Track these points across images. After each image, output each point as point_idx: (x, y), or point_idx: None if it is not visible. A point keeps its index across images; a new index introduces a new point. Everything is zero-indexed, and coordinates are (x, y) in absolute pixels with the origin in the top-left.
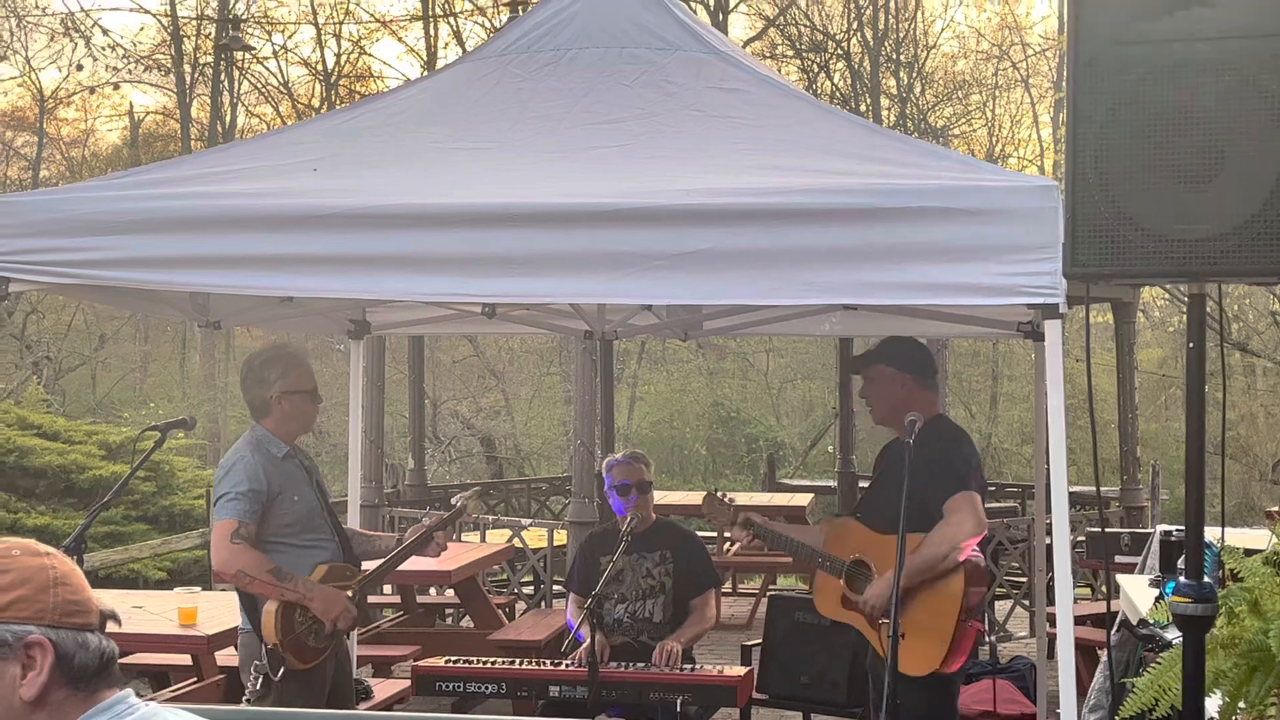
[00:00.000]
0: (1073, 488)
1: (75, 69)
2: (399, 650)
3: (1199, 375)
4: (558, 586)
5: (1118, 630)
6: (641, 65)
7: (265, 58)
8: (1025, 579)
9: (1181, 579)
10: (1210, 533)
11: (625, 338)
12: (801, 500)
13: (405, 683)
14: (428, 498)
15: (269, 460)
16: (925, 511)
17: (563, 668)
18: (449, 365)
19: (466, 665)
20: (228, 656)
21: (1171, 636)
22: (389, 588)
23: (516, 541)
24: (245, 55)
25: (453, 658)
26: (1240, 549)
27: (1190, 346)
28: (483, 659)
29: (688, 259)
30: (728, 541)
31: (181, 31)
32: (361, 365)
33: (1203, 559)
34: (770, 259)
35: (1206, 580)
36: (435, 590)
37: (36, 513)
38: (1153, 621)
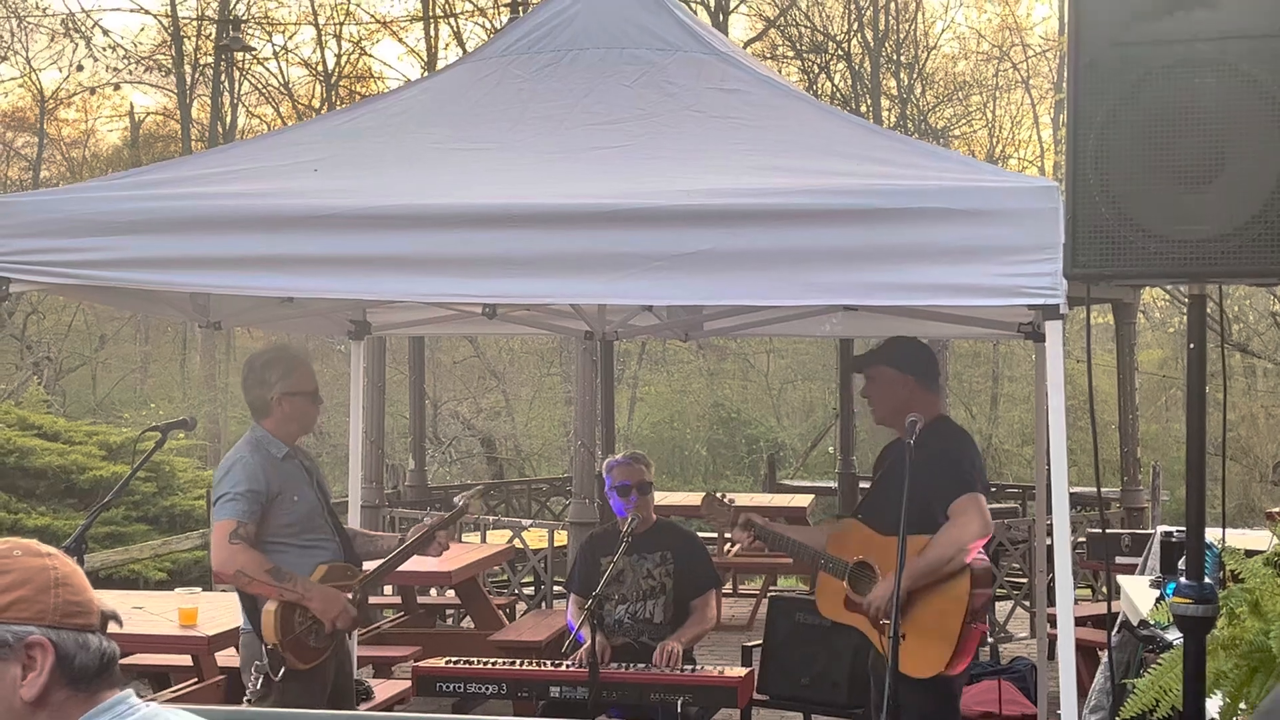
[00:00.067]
0: (1073, 488)
1: (76, 69)
2: (399, 651)
3: (1199, 376)
4: (558, 587)
5: (1118, 631)
6: (642, 66)
7: (266, 58)
8: (1026, 580)
9: (1182, 580)
10: (1211, 534)
11: (626, 338)
12: (802, 501)
13: (406, 683)
14: (428, 498)
15: (268, 461)
16: (929, 513)
17: (563, 668)
18: (449, 366)
19: (467, 666)
20: (228, 657)
21: (1172, 637)
22: (389, 588)
23: (517, 542)
24: (246, 56)
25: (453, 658)
26: (1241, 550)
27: (1191, 347)
28: (483, 660)
29: (688, 259)
30: (728, 542)
31: (182, 32)
32: (362, 366)
33: (1203, 560)
34: (771, 260)
35: (1207, 581)
36: (436, 591)
37: (37, 513)
38: (1153, 622)
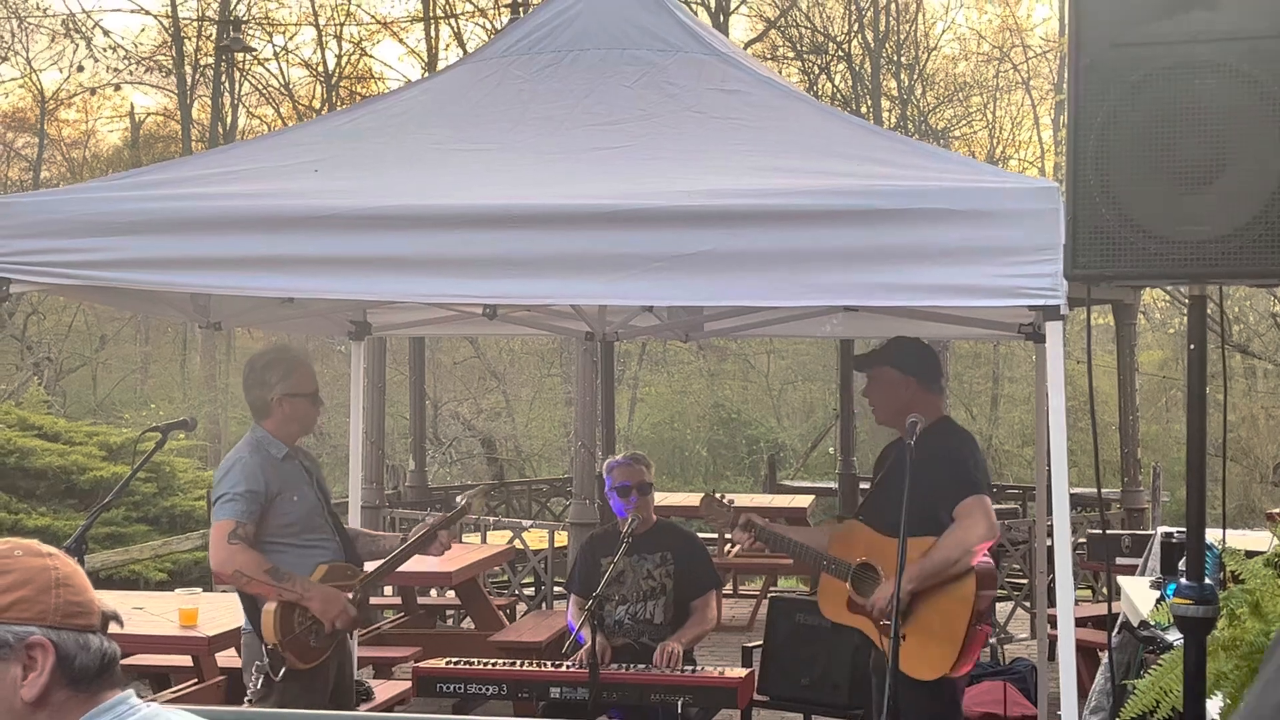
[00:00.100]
0: (1073, 489)
1: (76, 70)
2: (400, 651)
3: (1200, 377)
4: (558, 588)
5: (1119, 632)
6: (642, 67)
7: (266, 59)
8: (1026, 580)
9: (1183, 581)
10: (1211, 535)
11: (626, 339)
12: (802, 502)
13: (406, 684)
14: (428, 499)
15: (268, 461)
16: (933, 515)
17: (564, 669)
18: (450, 366)
19: (467, 666)
20: (228, 658)
21: (1173, 638)
22: (390, 589)
23: (517, 543)
24: (246, 57)
25: (453, 659)
26: (1241, 551)
27: (1191, 348)
28: (483, 660)
29: (689, 260)
30: (728, 543)
31: (182, 33)
32: (362, 366)
33: (1204, 561)
34: (771, 260)
35: (1208, 582)
36: (436, 591)
37: (37, 514)
38: (1154, 623)
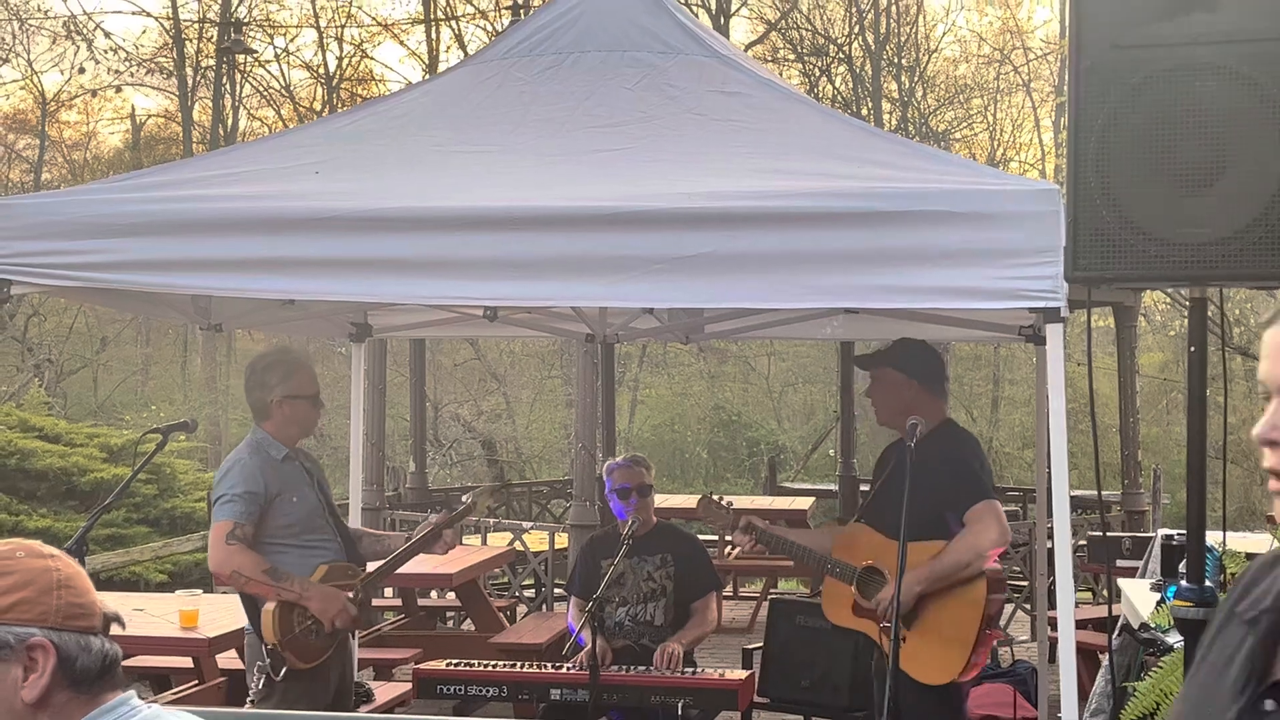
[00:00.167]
0: (1074, 492)
1: (77, 72)
2: (400, 653)
3: (1200, 379)
4: (559, 590)
5: (1119, 634)
6: (643, 69)
7: (267, 61)
8: (1026, 583)
9: (1183, 583)
10: (1212, 537)
11: (626, 341)
12: (803, 504)
13: (406, 686)
14: (429, 501)
15: (267, 462)
16: (940, 519)
17: (564, 671)
18: (450, 368)
19: (467, 668)
20: (229, 659)
21: (1173, 641)
22: (390, 591)
23: (517, 545)
24: (247, 58)
25: (454, 661)
26: (1242, 553)
27: (1192, 350)
28: (484, 662)
29: (689, 262)
30: (728, 545)
31: (183, 34)
32: (363, 368)
33: (1204, 563)
34: (771, 262)
35: (1208, 584)
36: (436, 593)
37: (38, 515)
38: (1154, 626)
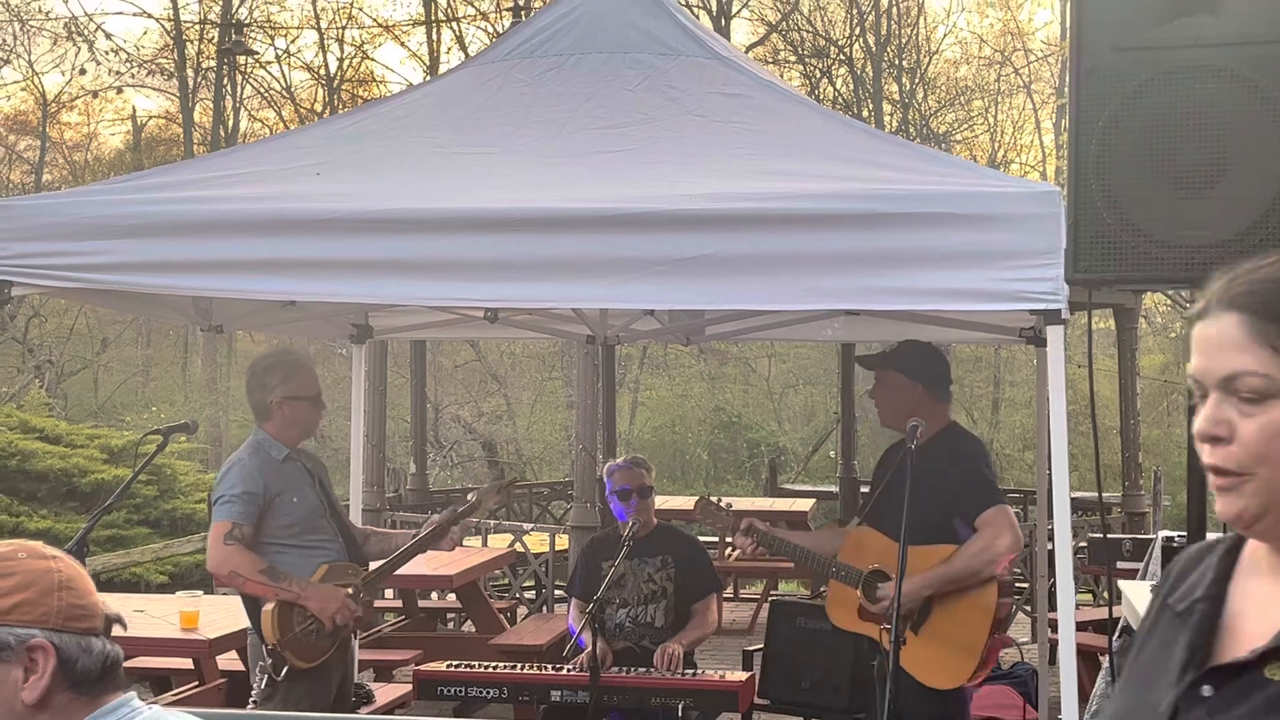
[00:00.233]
0: (1074, 493)
1: (78, 73)
2: (400, 655)
3: None
4: (559, 591)
5: (1120, 636)
6: (644, 70)
7: (268, 62)
8: (1027, 585)
9: None
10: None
11: (627, 342)
12: (803, 505)
13: (407, 687)
14: (429, 502)
15: (267, 463)
16: (948, 524)
17: (564, 672)
18: (451, 370)
19: (468, 670)
20: (229, 660)
21: None
22: (390, 592)
23: (518, 546)
24: (248, 60)
25: (454, 662)
26: None
27: None
28: (484, 664)
29: (690, 264)
30: (729, 546)
31: (184, 36)
32: (364, 369)
33: None
34: (772, 264)
35: None
36: (437, 595)
37: (39, 516)
38: None
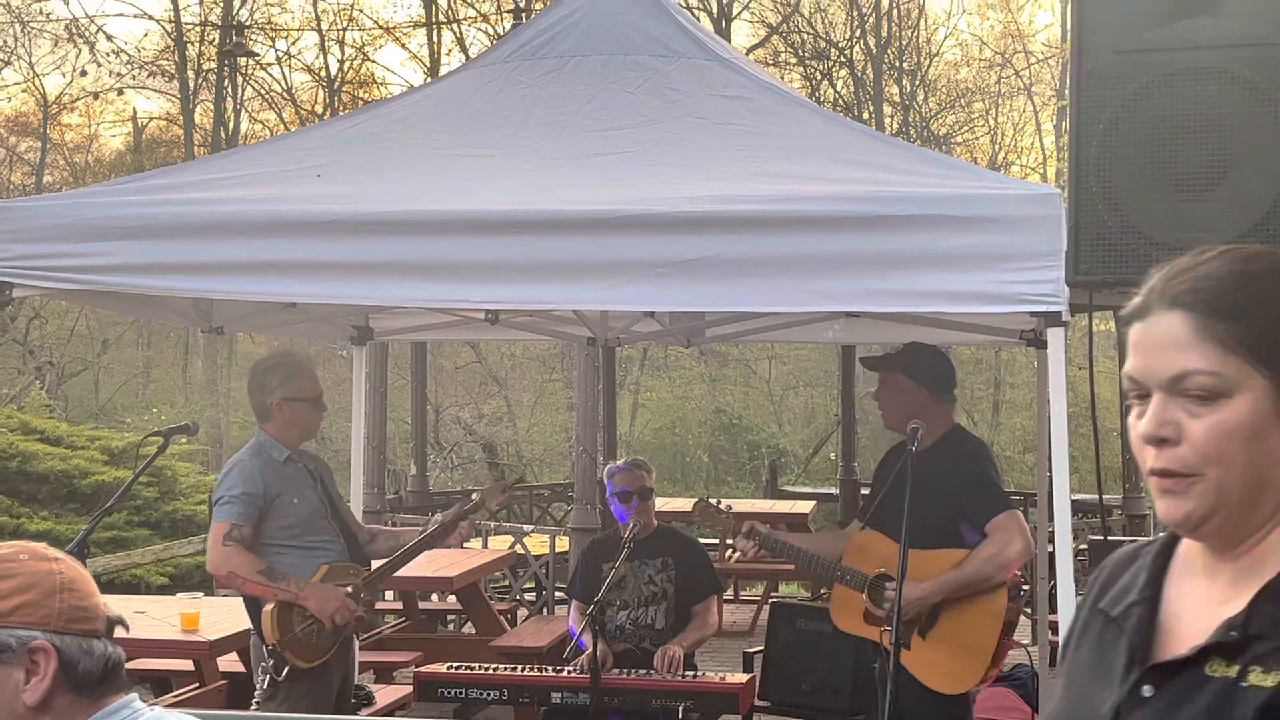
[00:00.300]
0: (1075, 495)
1: (79, 75)
2: (401, 656)
3: None
4: (560, 593)
5: None
6: (645, 72)
7: (269, 64)
8: (1028, 586)
9: None
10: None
11: (628, 344)
12: (803, 508)
13: (407, 689)
14: (430, 504)
15: (267, 464)
16: (954, 528)
17: (565, 674)
18: (451, 371)
19: (468, 671)
20: (229, 662)
21: None
22: (391, 594)
23: (518, 548)
24: (249, 61)
25: (454, 664)
26: None
27: None
28: (484, 665)
29: (690, 266)
30: (729, 548)
31: (185, 38)
32: (364, 371)
33: None
34: (773, 266)
35: None
36: (437, 596)
37: (39, 518)
38: None
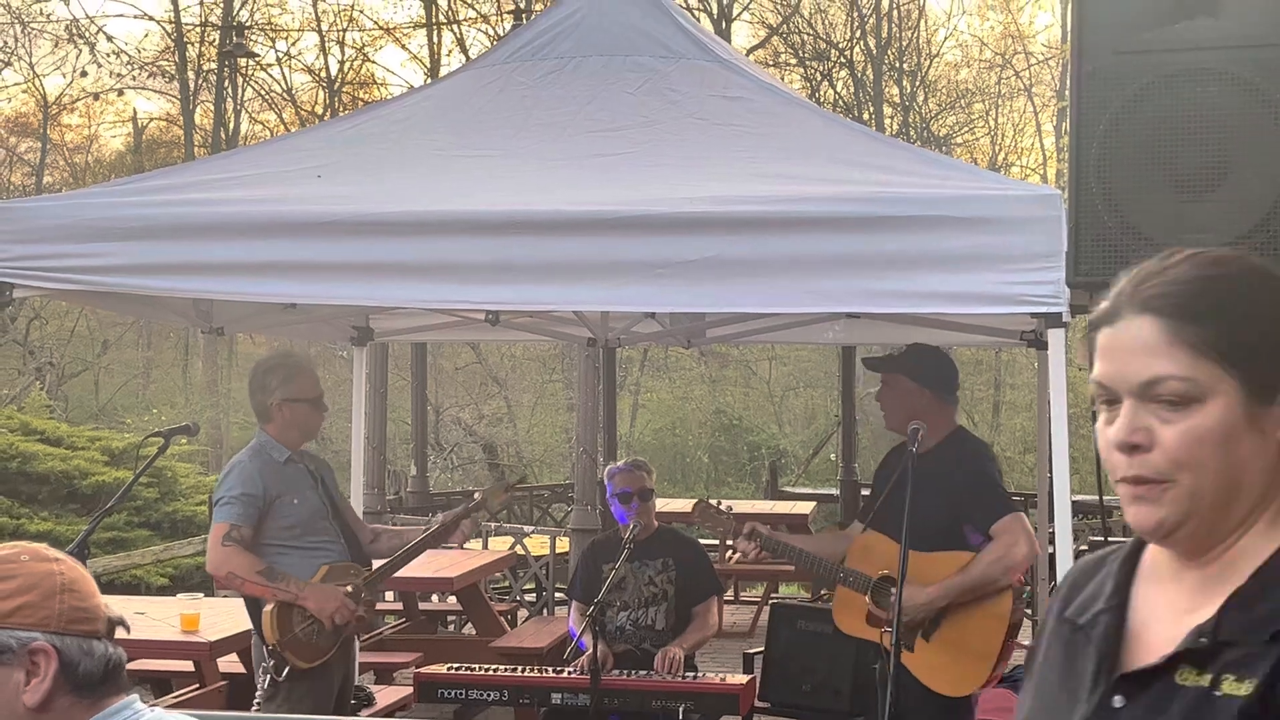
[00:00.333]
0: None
1: (79, 75)
2: (401, 657)
3: None
4: (560, 594)
5: None
6: (645, 73)
7: (269, 64)
8: (1028, 588)
9: None
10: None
11: (628, 345)
12: (804, 508)
13: (407, 690)
14: (430, 504)
15: (268, 465)
16: (957, 530)
17: (565, 675)
18: (451, 372)
19: (468, 672)
20: (230, 663)
21: None
22: (391, 594)
23: (519, 549)
24: (249, 62)
25: (455, 665)
26: None
27: None
28: (485, 666)
29: (691, 267)
30: (729, 549)
31: (185, 38)
32: (364, 372)
33: None
34: (773, 267)
35: None
36: (437, 597)
37: (39, 519)
38: None
